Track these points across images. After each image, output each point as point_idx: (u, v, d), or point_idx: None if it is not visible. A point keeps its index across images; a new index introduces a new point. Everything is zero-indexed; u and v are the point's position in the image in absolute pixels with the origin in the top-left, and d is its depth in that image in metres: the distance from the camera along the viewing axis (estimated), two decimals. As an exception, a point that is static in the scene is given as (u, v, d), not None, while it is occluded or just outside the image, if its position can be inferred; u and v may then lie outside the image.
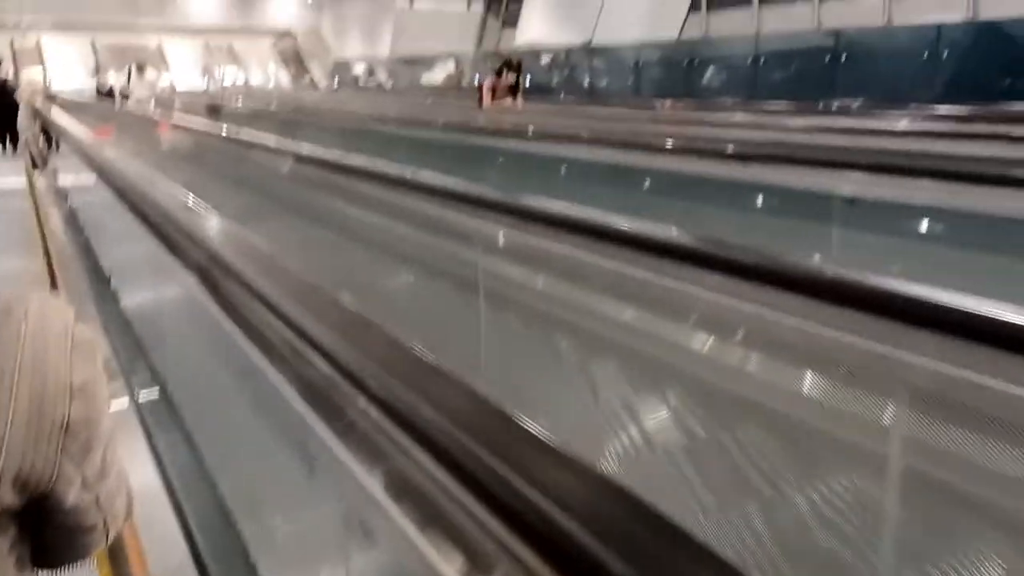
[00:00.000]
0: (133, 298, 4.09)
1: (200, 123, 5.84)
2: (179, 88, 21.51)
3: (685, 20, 15.86)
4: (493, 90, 9.31)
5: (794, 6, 13.86)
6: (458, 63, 22.61)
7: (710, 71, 11.95)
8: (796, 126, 5.87)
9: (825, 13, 13.13)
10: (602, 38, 15.43)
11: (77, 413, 0.75)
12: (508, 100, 9.35)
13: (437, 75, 23.50)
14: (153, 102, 10.29)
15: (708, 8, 15.51)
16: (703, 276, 2.05)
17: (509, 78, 9.33)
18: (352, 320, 1.38)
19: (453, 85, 22.40)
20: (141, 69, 11.34)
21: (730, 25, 14.89)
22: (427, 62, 23.59)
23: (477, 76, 22.13)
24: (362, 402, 1.13)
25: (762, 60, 11.37)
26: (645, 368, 2.94)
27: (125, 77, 11.25)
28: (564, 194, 2.66)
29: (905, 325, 1.55)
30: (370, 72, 27.32)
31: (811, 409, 2.33)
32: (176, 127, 5.77)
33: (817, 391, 2.31)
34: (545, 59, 15.85)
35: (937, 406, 1.72)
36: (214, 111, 9.08)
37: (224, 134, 5.44)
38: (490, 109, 9.05)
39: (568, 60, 15.68)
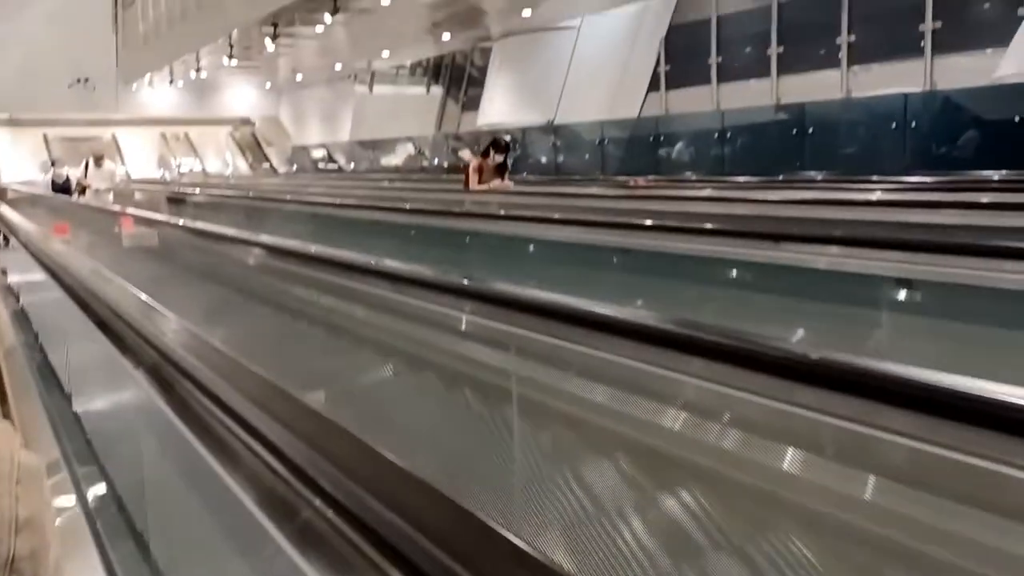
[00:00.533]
0: (86, 399, 3.73)
1: (166, 216, 5.55)
2: (135, 177, 21.20)
3: (644, 100, 16.16)
4: (480, 171, 8.97)
5: (750, 83, 14.18)
6: (416, 145, 22.72)
7: (677, 146, 11.99)
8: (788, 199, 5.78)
9: (782, 87, 13.42)
10: (564, 118, 15.56)
11: (22, 548, 0.72)
12: (496, 181, 8.98)
13: (397, 157, 23.60)
14: (112, 195, 9.92)
15: (667, 87, 15.81)
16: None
17: (496, 158, 9.03)
18: (316, 421, 1.36)
19: (415, 167, 22.48)
20: (99, 160, 11.05)
21: (687, 103, 15.16)
22: (385, 145, 23.70)
23: (436, 158, 22.39)
24: (319, 504, 1.12)
25: (728, 134, 11.44)
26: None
27: (82, 169, 10.86)
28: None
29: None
30: (329, 157, 27.37)
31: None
32: (139, 220, 5.44)
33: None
34: (506, 138, 15.91)
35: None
36: (177, 201, 8.77)
37: (192, 226, 5.14)
38: (478, 190, 8.73)
39: (527, 139, 15.73)
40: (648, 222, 4.38)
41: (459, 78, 23.38)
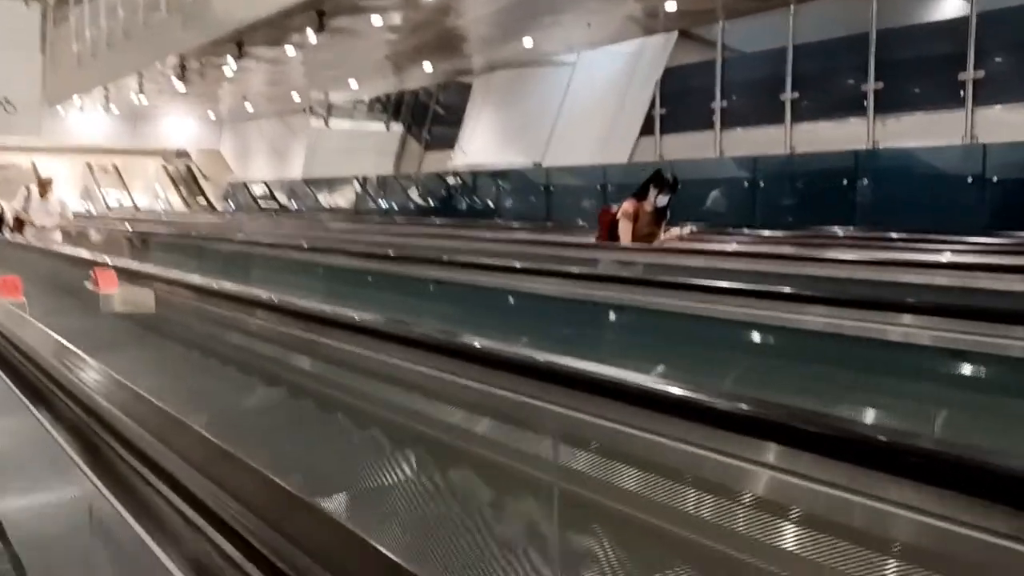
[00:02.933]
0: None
1: (157, 267, 3.96)
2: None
3: (636, 144, 15.13)
4: (636, 217, 6.24)
5: (761, 129, 13.30)
6: (364, 185, 21.13)
7: (713, 194, 10.84)
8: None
9: (797, 135, 12.56)
10: (553, 160, 14.38)
11: None
12: (663, 233, 6.36)
13: (343, 197, 21.97)
14: (59, 234, 8.05)
15: (662, 131, 14.82)
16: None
17: (659, 200, 6.22)
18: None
19: (365, 208, 20.92)
20: (44, 190, 8.54)
21: (685, 149, 14.19)
22: (332, 184, 22.09)
23: (390, 200, 20.87)
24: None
25: (760, 183, 10.37)
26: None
27: (20, 200, 8.55)
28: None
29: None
30: (270, 195, 25.56)
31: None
32: (121, 273, 3.79)
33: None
34: (487, 180, 14.55)
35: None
36: (140, 243, 7.07)
37: (209, 286, 3.60)
38: (638, 248, 6.12)
39: (515, 181, 14.46)
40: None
41: (422, 115, 22.07)
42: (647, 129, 15.01)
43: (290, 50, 12.92)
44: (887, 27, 11.48)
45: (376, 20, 11.16)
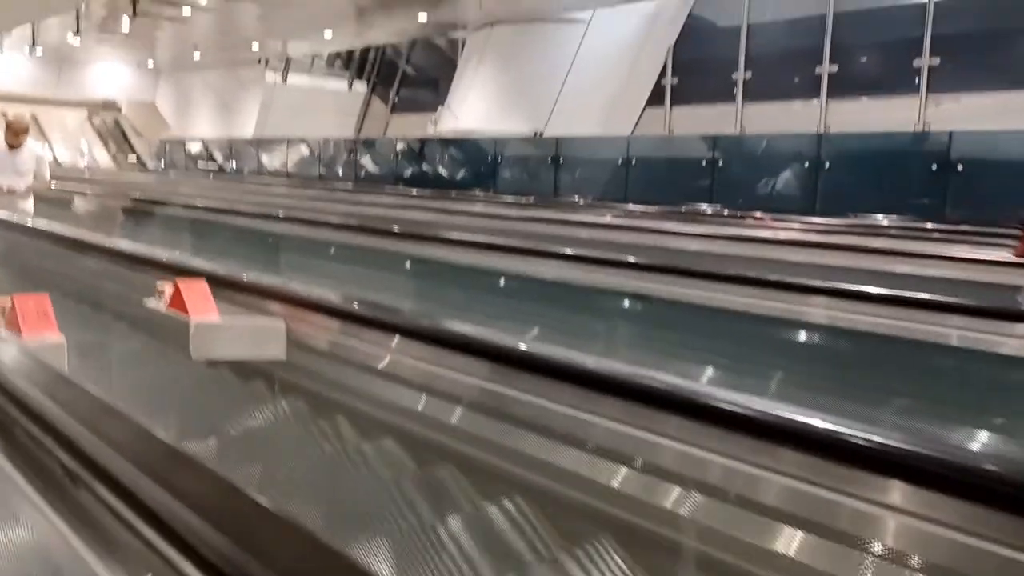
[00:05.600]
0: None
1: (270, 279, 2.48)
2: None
3: (640, 116, 13.91)
4: None
5: (788, 104, 12.25)
6: (311, 148, 19.25)
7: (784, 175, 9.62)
8: None
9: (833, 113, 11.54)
10: (554, 130, 13.02)
11: None
12: None
13: (287, 160, 19.98)
14: (31, 200, 5.88)
15: (672, 102, 13.62)
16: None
17: None
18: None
19: (311, 174, 19.02)
20: (15, 140, 6.25)
21: (696, 123, 13.05)
22: (272, 145, 20.05)
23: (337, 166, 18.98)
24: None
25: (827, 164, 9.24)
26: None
27: None
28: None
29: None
30: (208, 155, 23.33)
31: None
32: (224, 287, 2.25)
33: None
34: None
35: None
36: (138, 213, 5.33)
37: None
38: None
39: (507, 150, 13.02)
40: None
41: (390, 75, 20.29)
42: (654, 99, 13.83)
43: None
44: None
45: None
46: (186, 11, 12.89)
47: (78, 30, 14.49)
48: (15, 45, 18.76)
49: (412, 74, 19.90)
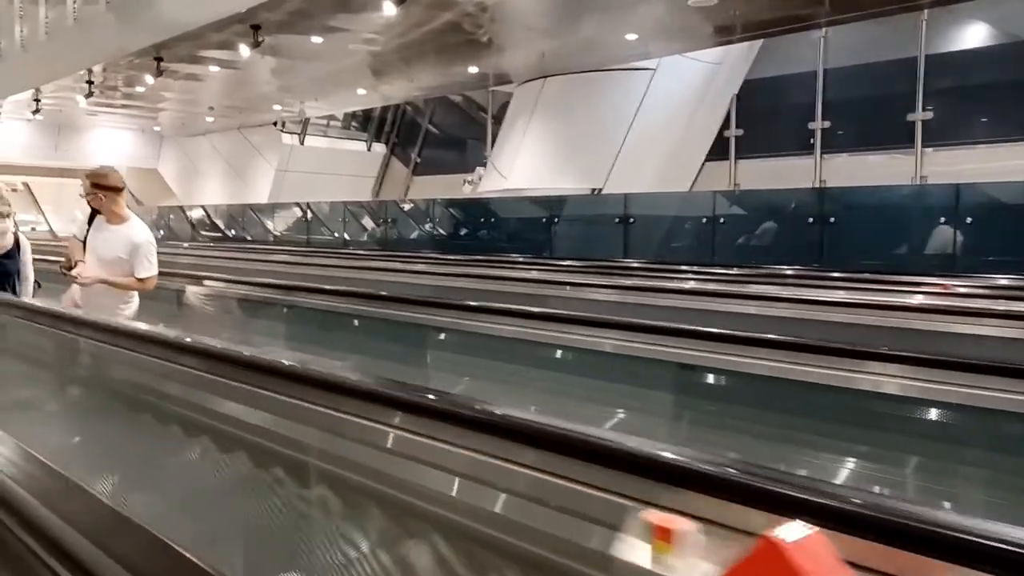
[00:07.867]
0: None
1: None
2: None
3: (700, 169, 12.96)
4: None
5: (874, 157, 11.32)
6: (304, 212, 17.93)
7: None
8: None
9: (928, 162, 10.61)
10: (613, 188, 12.02)
11: None
12: None
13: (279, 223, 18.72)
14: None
15: (736, 155, 12.70)
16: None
17: None
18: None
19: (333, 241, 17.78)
20: None
21: (764, 177, 12.09)
22: (285, 209, 18.83)
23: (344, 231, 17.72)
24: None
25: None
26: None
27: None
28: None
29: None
30: (210, 223, 22.10)
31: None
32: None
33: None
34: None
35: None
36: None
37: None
38: None
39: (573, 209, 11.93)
40: None
41: (411, 135, 19.35)
42: (716, 152, 12.89)
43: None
44: None
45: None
46: (213, 69, 11.87)
47: (90, 93, 13.42)
48: (15, 111, 17.67)
49: (436, 134, 18.98)
